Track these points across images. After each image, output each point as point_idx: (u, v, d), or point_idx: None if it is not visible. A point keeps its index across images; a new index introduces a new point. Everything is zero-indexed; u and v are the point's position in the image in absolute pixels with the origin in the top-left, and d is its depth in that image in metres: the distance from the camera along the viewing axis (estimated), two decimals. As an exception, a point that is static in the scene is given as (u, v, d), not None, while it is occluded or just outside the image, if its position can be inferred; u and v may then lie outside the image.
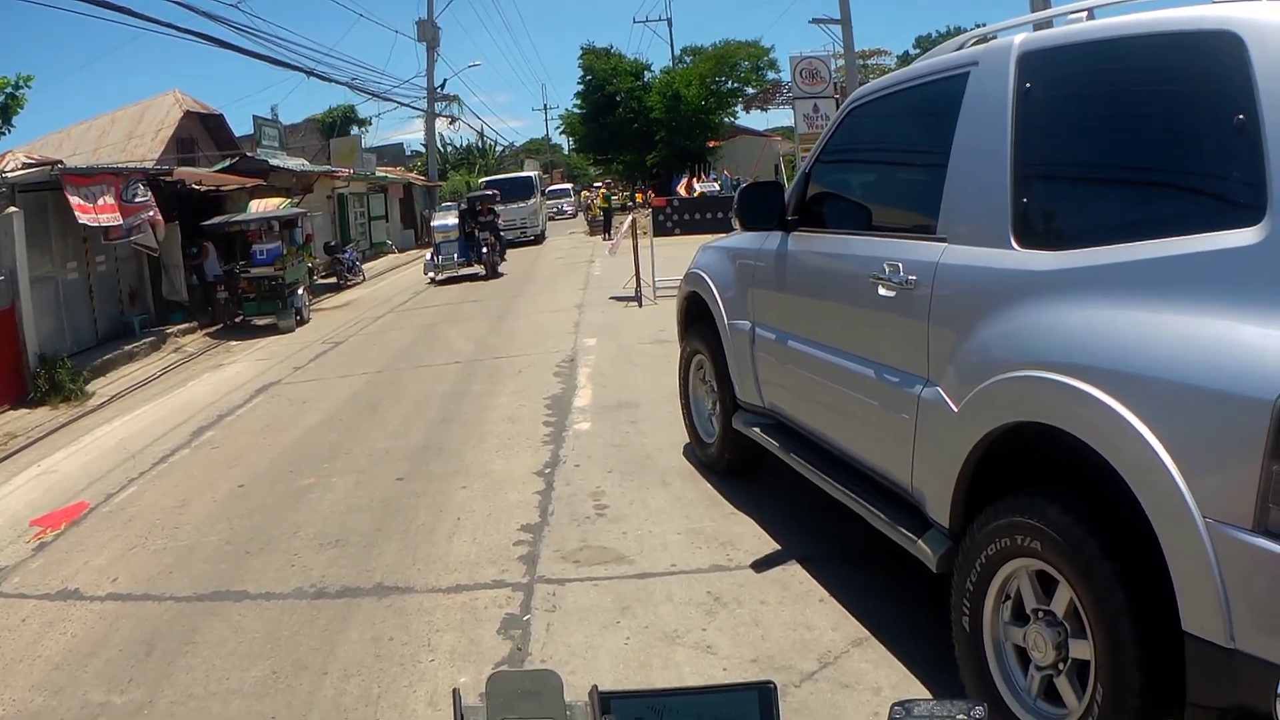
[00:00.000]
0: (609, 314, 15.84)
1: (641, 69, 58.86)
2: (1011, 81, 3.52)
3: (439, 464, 7.91)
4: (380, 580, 5.62)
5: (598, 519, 6.23)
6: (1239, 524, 2.33)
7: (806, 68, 31.95)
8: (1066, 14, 3.70)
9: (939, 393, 3.62)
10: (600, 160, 68.66)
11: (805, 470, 5.08)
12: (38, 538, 7.36)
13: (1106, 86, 3.26)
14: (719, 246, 6.67)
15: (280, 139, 34.71)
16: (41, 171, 15.28)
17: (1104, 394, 2.70)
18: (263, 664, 4.76)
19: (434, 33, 47.64)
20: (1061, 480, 3.08)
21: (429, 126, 50.05)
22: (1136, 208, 3.14)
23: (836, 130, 5.21)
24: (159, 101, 34.20)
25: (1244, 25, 2.64)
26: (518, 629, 4.80)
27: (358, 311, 20.78)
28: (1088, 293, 2.96)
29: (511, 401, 9.98)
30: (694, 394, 7.16)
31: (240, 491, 7.83)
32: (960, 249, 3.66)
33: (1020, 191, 3.41)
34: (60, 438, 11.41)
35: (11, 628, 5.67)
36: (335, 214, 34.14)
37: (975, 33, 4.39)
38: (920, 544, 3.82)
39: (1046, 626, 3.04)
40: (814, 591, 4.87)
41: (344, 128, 48.74)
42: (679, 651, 4.41)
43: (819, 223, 5.18)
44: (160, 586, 5.98)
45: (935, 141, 4.01)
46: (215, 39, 25.03)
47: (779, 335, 5.40)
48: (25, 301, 13.75)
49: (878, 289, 4.10)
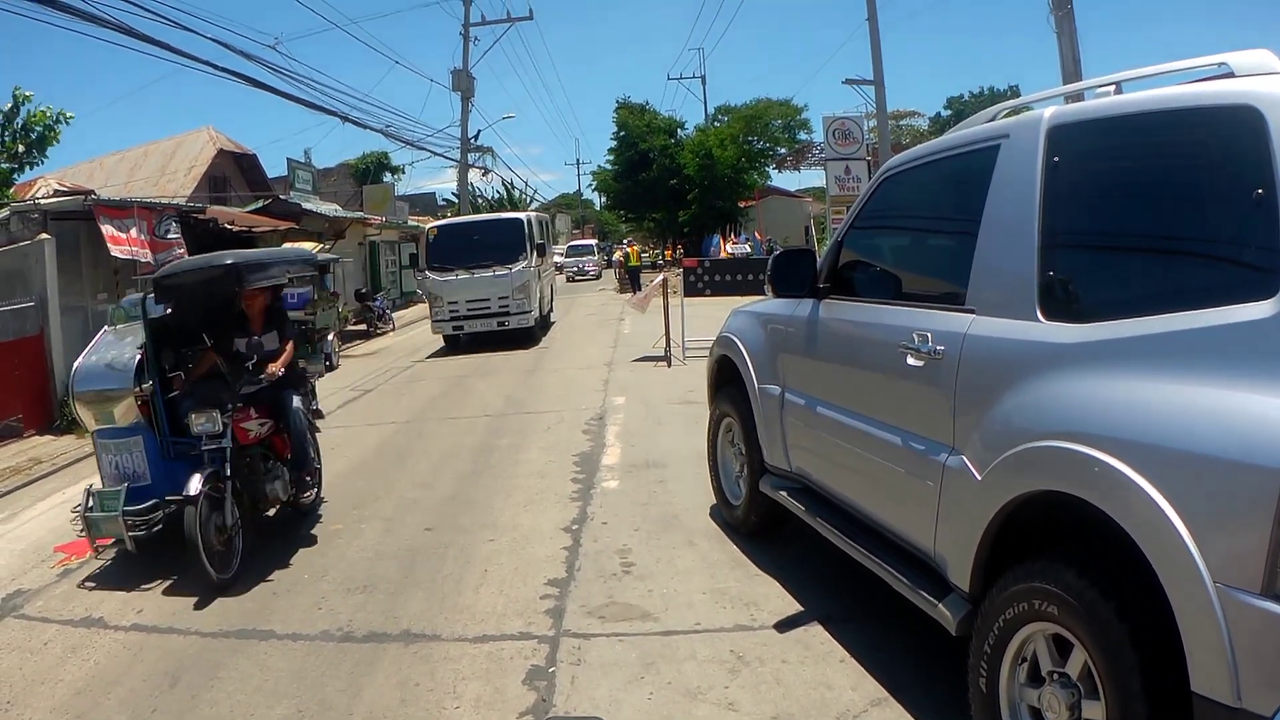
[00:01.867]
0: (638, 373, 15.88)
1: (675, 126, 59.26)
2: (1040, 154, 3.62)
3: (467, 516, 7.99)
4: (407, 627, 5.69)
5: (624, 576, 6.29)
6: (1248, 588, 2.39)
7: (839, 128, 32.19)
8: (1096, 87, 3.82)
9: (963, 461, 3.70)
10: (631, 218, 68.94)
11: (829, 534, 5.15)
12: (62, 564, 7.51)
13: (1131, 160, 3.36)
14: (751, 311, 6.74)
15: (314, 183, 35.11)
16: (74, 201, 15.56)
17: (1120, 463, 2.77)
18: (288, 702, 4.84)
19: (469, 83, 48.04)
20: (1078, 546, 3.14)
21: (461, 176, 50.32)
22: (1157, 281, 3.21)
23: (869, 199, 5.31)
24: (193, 138, 34.67)
25: (1264, 100, 2.73)
26: (543, 680, 4.86)
27: (387, 360, 20.92)
28: (1108, 364, 3.04)
29: (540, 457, 10.05)
30: (722, 456, 7.23)
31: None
32: (987, 320, 3.74)
33: (1046, 264, 3.49)
34: (85, 467, 11.37)
35: (34, 650, 5.80)
36: (366, 261, 34.44)
37: (1007, 104, 4.48)
38: (941, 607, 3.88)
39: (1061, 688, 3.10)
40: (835, 651, 4.92)
41: (377, 174, 49.25)
42: (701, 708, 4.46)
43: (850, 290, 5.26)
44: (186, 621, 6.08)
45: (966, 212, 4.09)
46: (251, 79, 24.96)
47: (808, 401, 5.48)
48: (54, 329, 13.98)
49: (906, 358, 4.18)
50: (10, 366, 13.04)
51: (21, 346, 13.39)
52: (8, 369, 12.98)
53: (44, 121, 18.11)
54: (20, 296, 13.62)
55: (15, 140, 17.99)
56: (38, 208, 14.80)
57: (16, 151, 17.94)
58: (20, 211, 14.60)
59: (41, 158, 18.63)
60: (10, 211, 14.57)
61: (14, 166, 18.19)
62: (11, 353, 13.18)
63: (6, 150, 17.81)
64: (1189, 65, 3.40)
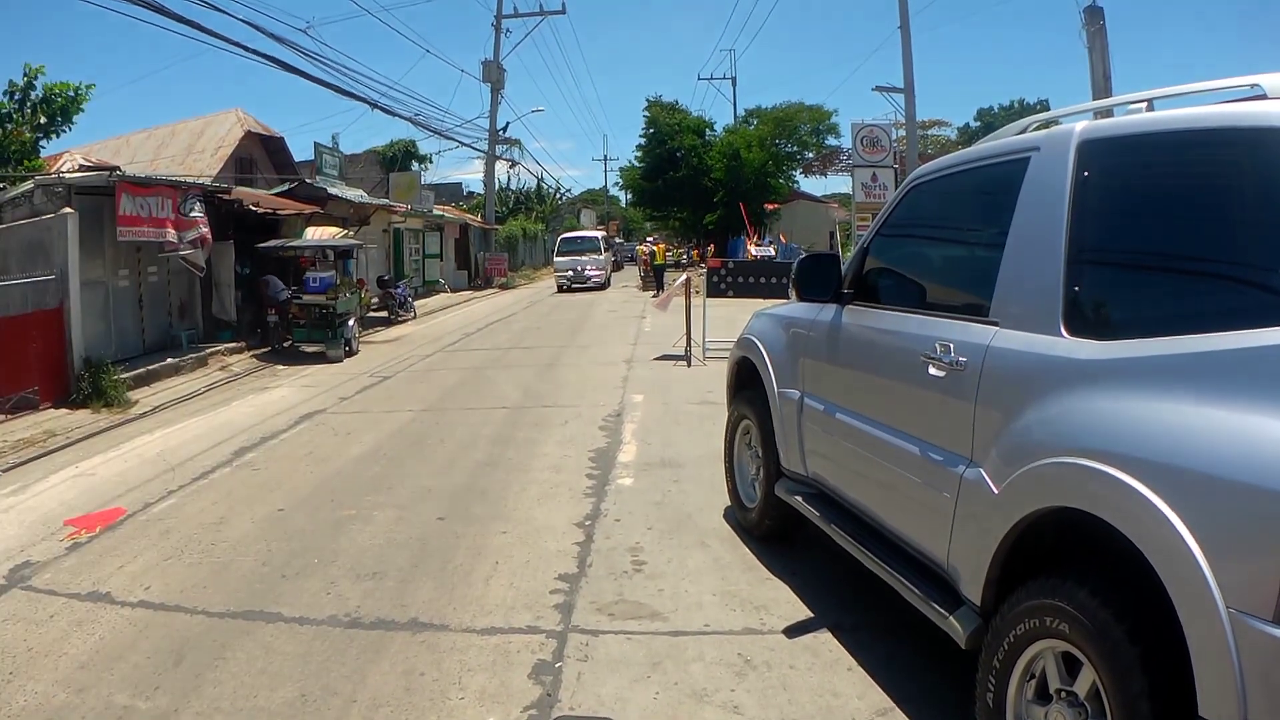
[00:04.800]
0: (657, 371, 15.88)
1: (704, 126, 59.32)
2: (1071, 168, 3.60)
3: (480, 507, 8.00)
4: (415, 616, 5.70)
5: (635, 574, 6.28)
6: (1261, 614, 2.37)
7: (867, 135, 32.17)
8: (1127, 103, 3.80)
9: (981, 474, 3.68)
10: (657, 216, 69.02)
11: (843, 541, 5.13)
12: (71, 538, 7.53)
13: (1162, 178, 3.33)
14: (773, 314, 6.73)
15: (340, 168, 35.17)
16: (99, 176, 15.61)
17: (1138, 482, 2.75)
18: (292, 686, 4.84)
19: (499, 74, 48.21)
20: (1092, 564, 3.11)
21: (489, 168, 50.53)
22: (1183, 301, 3.18)
23: (896, 206, 5.29)
24: (221, 118, 34.82)
25: None
26: (549, 675, 4.85)
27: (407, 348, 20.97)
28: (1130, 382, 3.01)
29: (556, 451, 10.05)
30: (738, 458, 7.22)
31: (279, 515, 7.96)
32: (1010, 333, 3.72)
33: (1072, 279, 3.47)
34: (99, 442, 11.68)
35: (39, 622, 5.80)
36: (390, 248, 34.50)
37: (1038, 117, 4.46)
38: (951, 620, 3.86)
39: (1068, 707, 3.08)
40: (843, 660, 4.90)
41: (404, 162, 49.31)
42: (707, 709, 4.44)
43: (874, 297, 5.24)
44: (193, 600, 6.08)
45: (993, 224, 4.07)
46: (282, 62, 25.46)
47: (827, 406, 5.46)
48: (74, 303, 14.06)
49: (928, 368, 4.16)
50: (29, 339, 13.10)
51: (40, 319, 13.44)
52: (26, 341, 13.04)
53: (64, 91, 18.24)
54: (41, 269, 13.67)
55: (36, 112, 18.12)
56: (62, 181, 14.85)
57: (39, 123, 18.07)
58: (45, 184, 14.66)
59: (68, 125, 18.77)
60: (35, 184, 14.64)
61: (39, 136, 18.32)
62: (30, 325, 13.24)
63: (28, 123, 17.94)
64: (1221, 85, 3.37)
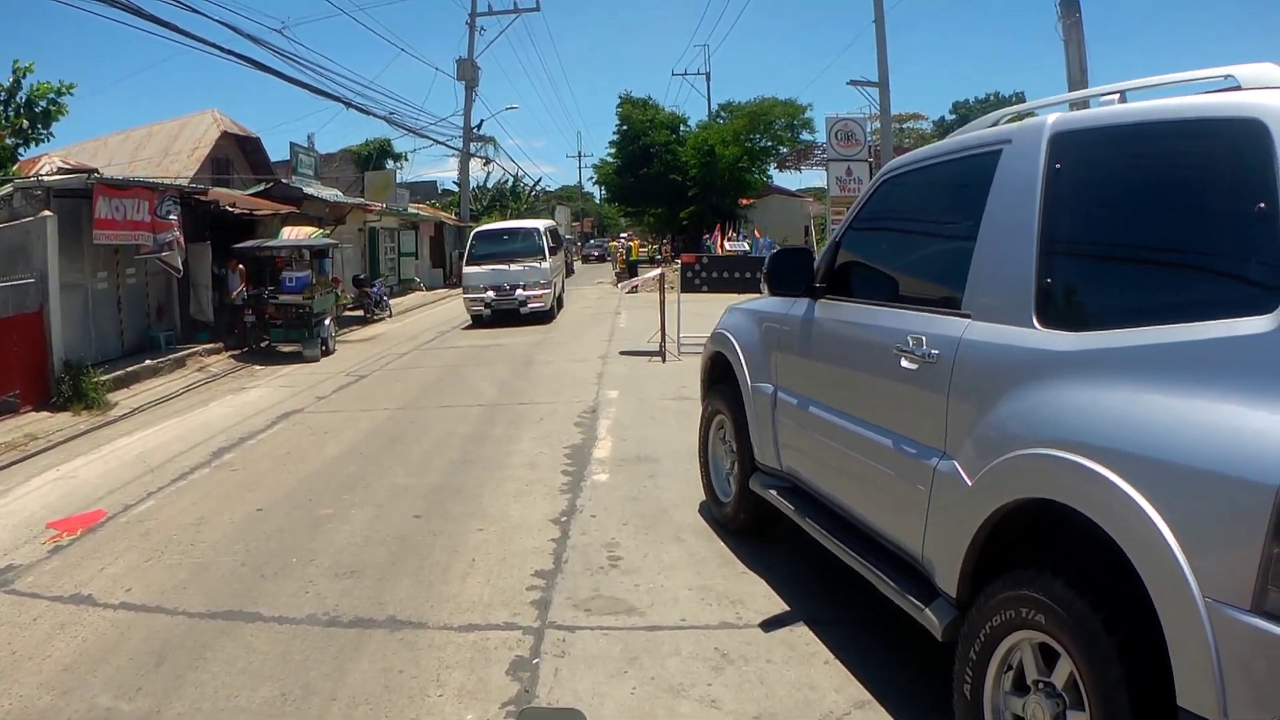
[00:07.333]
0: (632, 367, 15.90)
1: (678, 122, 59.31)
2: (1042, 161, 3.60)
3: (457, 505, 7.99)
4: (393, 613, 5.69)
5: (611, 570, 6.28)
6: (1237, 604, 2.37)
7: (842, 129, 32.29)
8: (1100, 95, 3.81)
9: (954, 466, 3.68)
10: (632, 212, 69.01)
11: (818, 534, 5.13)
12: (53, 540, 7.52)
13: (1133, 170, 3.33)
14: (746, 309, 6.72)
15: (316, 168, 35.06)
16: (77, 179, 15.60)
17: (1112, 473, 2.75)
18: (272, 685, 4.83)
19: (473, 72, 48.12)
20: (1068, 555, 3.11)
21: (463, 166, 50.41)
22: (1156, 292, 3.17)
23: (869, 200, 5.29)
24: (197, 119, 34.56)
25: (1269, 113, 2.70)
26: (526, 671, 4.85)
27: (383, 346, 20.95)
28: (1103, 374, 3.02)
29: (532, 448, 10.05)
30: (713, 453, 7.22)
31: (258, 515, 7.94)
32: (983, 325, 3.72)
33: (1044, 271, 3.47)
34: (80, 444, 11.66)
35: (22, 625, 5.79)
36: (366, 247, 34.47)
37: (1010, 110, 4.46)
38: (927, 612, 3.87)
39: (1046, 698, 3.09)
40: (820, 653, 4.91)
41: (379, 161, 49.10)
42: (683, 704, 4.44)
43: (847, 291, 5.24)
44: (174, 600, 6.08)
45: (965, 217, 4.07)
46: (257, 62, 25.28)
47: (800, 400, 5.47)
48: (54, 306, 14.03)
49: (901, 361, 4.17)
50: (9, 342, 13.01)
51: (20, 322, 13.36)
52: (6, 345, 12.95)
53: (47, 94, 18.10)
54: (21, 272, 13.60)
55: (19, 115, 17.96)
56: (41, 184, 14.79)
57: (21, 127, 17.91)
58: (24, 188, 14.59)
59: (48, 134, 18.62)
60: (14, 187, 14.56)
61: (19, 142, 18.16)
62: (10, 329, 13.16)
63: (11, 126, 17.78)
64: (1195, 76, 3.38)
